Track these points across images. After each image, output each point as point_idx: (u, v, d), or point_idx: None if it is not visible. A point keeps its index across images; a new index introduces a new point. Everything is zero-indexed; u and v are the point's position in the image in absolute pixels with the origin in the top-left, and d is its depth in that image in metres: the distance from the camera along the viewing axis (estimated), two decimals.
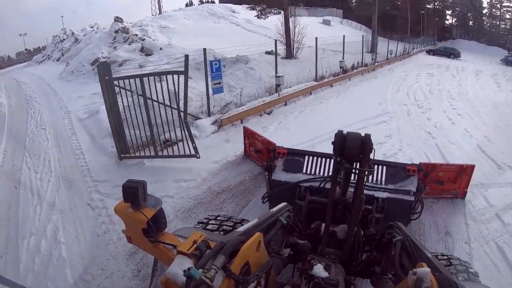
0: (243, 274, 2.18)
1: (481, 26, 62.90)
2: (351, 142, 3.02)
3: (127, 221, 2.63)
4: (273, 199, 5.34)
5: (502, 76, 30.24)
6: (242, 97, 12.94)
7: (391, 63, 29.37)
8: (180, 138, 8.53)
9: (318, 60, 17.59)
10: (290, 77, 16.14)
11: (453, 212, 6.66)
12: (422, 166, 5.87)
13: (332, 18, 53.26)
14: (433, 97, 17.13)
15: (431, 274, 2.17)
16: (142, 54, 21.81)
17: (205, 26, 31.90)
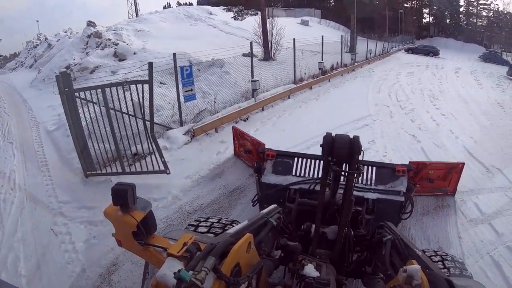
0: (233, 276, 2.18)
1: (458, 23, 63.97)
2: (340, 144, 3.06)
3: (116, 224, 2.61)
4: (263, 201, 5.34)
5: (482, 73, 30.50)
6: (217, 103, 12.25)
7: (370, 63, 29.20)
8: (149, 151, 8.05)
9: (297, 62, 17.09)
10: (268, 80, 15.55)
11: (444, 225, 6.29)
12: (412, 165, 5.91)
13: (310, 19, 53.15)
14: (415, 97, 16.82)
15: (421, 271, 2.21)
16: (115, 59, 20.96)
17: (182, 28, 31.16)
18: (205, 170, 8.27)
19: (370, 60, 29.64)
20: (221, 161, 8.77)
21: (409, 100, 15.91)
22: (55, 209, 7.11)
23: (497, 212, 6.76)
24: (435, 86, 20.66)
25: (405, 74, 24.62)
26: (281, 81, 15.90)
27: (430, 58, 38.88)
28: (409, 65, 30.39)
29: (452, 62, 37.11)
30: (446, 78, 24.39)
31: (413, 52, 42.82)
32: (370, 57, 30.09)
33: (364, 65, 27.23)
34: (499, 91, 22.15)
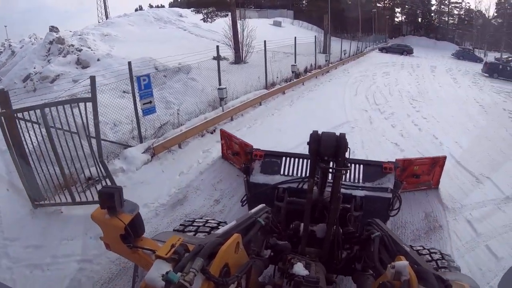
0: (222, 276, 2.21)
1: (430, 22, 64.74)
2: (327, 141, 3.10)
3: (104, 227, 2.59)
4: (251, 201, 5.31)
5: (457, 71, 30.64)
6: (181, 115, 11.10)
7: (345, 63, 28.60)
8: (102, 175, 7.20)
9: (269, 64, 16.17)
10: (238, 86, 14.52)
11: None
12: (399, 163, 6.02)
13: (283, 19, 52.33)
14: (393, 99, 16.22)
15: (409, 267, 2.26)
16: (78, 66, 19.75)
17: (151, 32, 30.24)
18: (165, 196, 7.30)
19: (344, 60, 29.05)
20: (184, 184, 7.76)
21: (388, 103, 15.26)
22: (0, 248, 6.10)
23: (493, 230, 6.28)
24: (412, 86, 20.22)
25: (381, 74, 24.17)
26: (252, 87, 14.90)
27: (404, 57, 38.84)
28: (384, 65, 30.09)
29: (427, 60, 37.20)
30: (423, 78, 24.09)
31: (387, 51, 42.73)
32: (344, 58, 29.54)
33: (339, 66, 26.61)
34: (476, 90, 22.05)
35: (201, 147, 9.79)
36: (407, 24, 66.18)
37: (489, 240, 6.00)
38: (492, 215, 6.74)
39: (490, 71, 29.40)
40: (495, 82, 26.80)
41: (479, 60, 42.05)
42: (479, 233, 6.16)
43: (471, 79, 26.88)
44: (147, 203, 6.98)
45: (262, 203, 3.87)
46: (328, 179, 3.70)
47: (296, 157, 5.70)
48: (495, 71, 29.39)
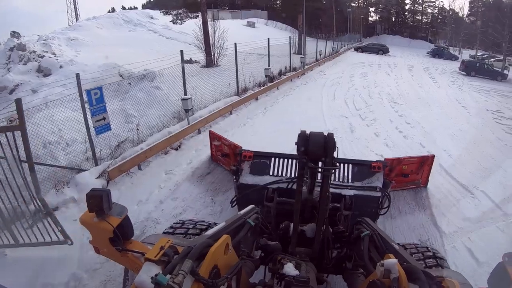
0: (212, 278, 2.21)
1: (404, 21, 65.99)
2: (315, 141, 3.15)
3: (93, 231, 2.60)
4: (241, 202, 5.33)
5: (434, 70, 30.52)
6: (142, 129, 9.88)
7: (321, 64, 27.82)
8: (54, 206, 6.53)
9: (241, 68, 15.14)
10: (207, 93, 13.35)
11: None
12: (387, 162, 6.06)
13: (257, 20, 52.30)
14: (374, 103, 15.43)
15: (398, 264, 2.25)
16: (39, 75, 18.65)
17: (120, 35, 29.37)
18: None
19: (320, 61, 28.29)
20: (142, 217, 6.60)
21: (369, 108, 14.43)
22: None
23: (494, 255, 5.50)
24: (392, 88, 19.59)
25: (359, 75, 23.51)
26: (222, 93, 13.75)
27: (380, 56, 38.61)
28: (361, 65, 29.54)
29: (403, 59, 37.12)
30: (401, 78, 23.61)
31: (363, 51, 42.47)
32: (320, 59, 28.79)
33: (315, 68, 25.78)
34: (456, 89, 21.72)
35: (164, 167, 8.67)
36: (381, 23, 67.40)
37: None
38: (492, 238, 6.19)
39: (468, 70, 29.45)
40: (473, 80, 26.83)
41: (454, 58, 42.59)
42: (481, 262, 5.59)
43: (449, 78, 26.69)
44: None
45: (252, 204, 3.87)
46: (318, 179, 3.64)
47: (285, 158, 5.72)
48: (472, 69, 29.47)
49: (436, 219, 6.40)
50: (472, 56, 46.31)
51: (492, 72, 29.56)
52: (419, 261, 3.66)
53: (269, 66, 16.94)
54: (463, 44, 53.45)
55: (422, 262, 3.68)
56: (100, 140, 8.55)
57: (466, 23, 56.32)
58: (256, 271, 3.38)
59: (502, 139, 11.89)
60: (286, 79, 19.04)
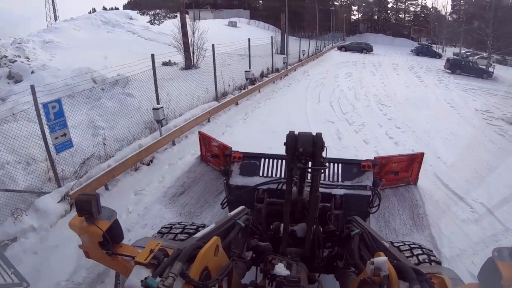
0: (202, 279, 2.22)
1: (386, 19, 66.60)
2: (303, 141, 3.14)
3: (82, 235, 2.59)
4: (232, 203, 5.28)
5: (419, 68, 30.25)
6: (110, 143, 8.97)
7: (304, 65, 27.08)
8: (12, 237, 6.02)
9: (222, 70, 14.26)
10: (183, 99, 12.42)
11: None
12: (377, 160, 6.07)
13: (239, 20, 51.67)
14: (361, 106, 14.76)
15: (388, 262, 2.29)
16: (10, 81, 18.07)
17: (97, 37, 28.60)
18: (82, 271, 5.28)
19: (303, 61, 27.58)
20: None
21: (356, 111, 13.74)
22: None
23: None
24: (378, 88, 19.01)
25: (344, 76, 22.86)
26: (200, 99, 12.83)
27: (364, 55, 38.17)
28: (345, 64, 28.94)
29: (387, 58, 36.85)
30: (387, 78, 23.11)
31: (347, 50, 41.88)
32: (303, 59, 28.13)
33: (298, 68, 25.05)
34: (443, 88, 21.34)
35: (134, 186, 7.79)
36: (364, 22, 68.02)
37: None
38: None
39: (453, 68, 29.25)
40: (459, 78, 26.61)
41: (438, 56, 42.65)
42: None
43: (435, 76, 26.38)
44: (59, 281, 5.08)
45: (243, 205, 3.88)
46: (307, 179, 3.66)
47: (274, 158, 5.68)
48: (457, 67, 29.30)
49: (437, 242, 5.89)
50: (456, 54, 46.58)
51: (477, 70, 29.40)
52: (409, 258, 3.65)
53: (250, 68, 16.09)
54: (446, 42, 53.78)
55: (413, 260, 3.68)
56: (64, 158, 7.75)
57: (449, 21, 56.86)
58: (248, 272, 3.40)
59: (495, 142, 11.52)
60: (268, 81, 18.25)
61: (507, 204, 7.22)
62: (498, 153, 10.40)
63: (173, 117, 11.00)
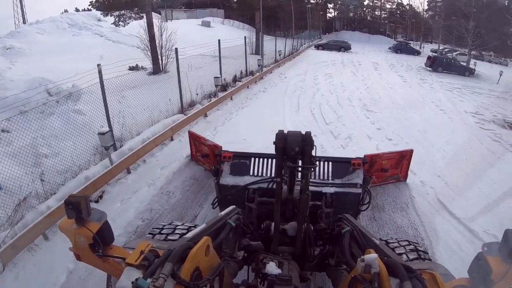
0: (194, 280, 2.22)
1: (362, 17, 66.40)
2: (292, 140, 3.21)
3: (73, 238, 2.58)
4: (223, 203, 5.33)
5: (400, 67, 29.47)
6: (52, 176, 7.24)
7: (281, 66, 25.57)
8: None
9: (191, 74, 12.54)
10: (143, 112, 10.65)
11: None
12: (367, 158, 6.21)
13: (213, 19, 50.11)
14: (345, 113, 13.41)
15: (378, 259, 2.27)
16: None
17: (62, 41, 26.26)
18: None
19: (280, 62, 26.08)
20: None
21: (340, 120, 12.35)
22: None
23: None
24: (362, 91, 17.79)
25: (323, 77, 21.53)
26: (163, 112, 11.13)
27: (343, 53, 37.04)
28: (323, 64, 27.69)
29: (366, 56, 35.98)
30: (369, 78, 21.94)
31: (324, 48, 40.54)
32: (279, 59, 26.63)
33: (274, 70, 23.52)
34: (428, 88, 20.41)
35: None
36: (340, 20, 67.44)
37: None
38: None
39: (435, 66, 28.58)
40: (442, 76, 25.94)
41: (417, 53, 42.27)
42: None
43: (417, 75, 25.56)
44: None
45: (234, 205, 3.86)
46: (298, 177, 3.66)
47: (265, 157, 5.68)
48: (439, 65, 28.62)
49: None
50: (434, 50, 46.48)
51: (459, 68, 28.80)
52: (401, 255, 3.69)
53: (220, 74, 14.47)
54: (423, 38, 53.81)
55: (404, 256, 3.70)
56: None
57: (426, 18, 57.23)
58: (240, 271, 3.42)
59: (493, 151, 10.66)
60: (242, 86, 16.66)
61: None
62: (499, 165, 9.45)
63: (130, 137, 9.29)
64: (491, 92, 21.54)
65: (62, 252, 5.32)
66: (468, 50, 33.17)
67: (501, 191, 7.72)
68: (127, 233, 6.00)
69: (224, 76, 15.79)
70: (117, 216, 6.61)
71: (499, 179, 8.45)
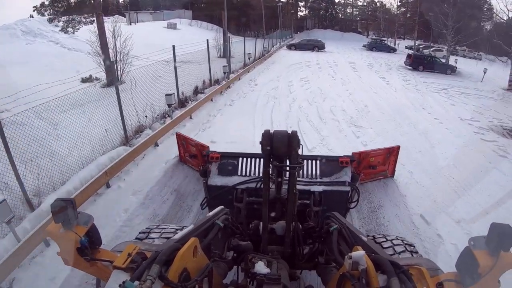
0: (182, 281, 2.20)
1: (333, 14, 65.39)
2: (279, 139, 3.20)
3: (60, 242, 2.54)
4: (211, 204, 5.30)
5: (378, 66, 28.01)
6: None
7: (250, 70, 22.90)
8: None
9: (153, 82, 10.80)
10: (77, 146, 8.09)
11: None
12: (355, 156, 6.08)
13: (180, 21, 48.57)
14: (330, 131, 11.18)
15: (366, 256, 2.30)
16: None
17: (14, 50, 23.62)
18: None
19: (250, 66, 23.40)
20: None
21: (324, 142, 10.06)
22: None
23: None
24: (344, 99, 15.68)
25: (299, 82, 19.27)
26: (101, 144, 8.50)
27: (317, 53, 35.11)
28: (298, 66, 25.48)
29: (341, 55, 34.28)
30: (350, 82, 19.95)
31: (297, 48, 38.32)
32: (249, 63, 24.14)
33: (243, 75, 20.86)
34: (414, 91, 18.80)
35: None
36: (311, 18, 66.86)
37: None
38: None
39: (415, 64, 27.15)
40: (424, 76, 24.52)
41: (393, 50, 41.30)
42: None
43: (398, 75, 23.95)
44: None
45: (222, 205, 3.88)
46: (285, 176, 3.62)
47: (252, 157, 5.65)
48: (420, 63, 27.19)
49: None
50: (409, 47, 45.65)
51: (441, 66, 27.42)
52: (388, 250, 3.70)
53: (177, 88, 11.96)
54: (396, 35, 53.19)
55: (392, 252, 3.69)
56: None
57: (400, 14, 57.17)
58: (230, 272, 3.41)
59: (504, 171, 9.00)
60: (205, 99, 14.06)
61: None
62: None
63: (52, 190, 6.77)
64: (478, 92, 20.07)
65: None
66: (447, 46, 31.80)
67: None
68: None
69: (184, 88, 13.38)
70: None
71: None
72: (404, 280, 2.17)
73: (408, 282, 2.16)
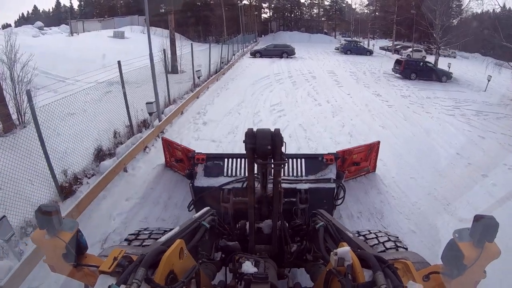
0: (169, 283, 2.17)
1: (299, 16, 63.16)
2: (262, 138, 3.16)
3: (45, 249, 2.46)
4: (198, 205, 5.26)
5: (363, 75, 23.55)
6: None
7: (201, 95, 15.98)
8: None
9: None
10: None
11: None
12: (339, 153, 6.12)
13: (131, 28, 44.56)
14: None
15: (351, 252, 2.27)
16: None
17: None
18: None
19: (200, 89, 16.42)
20: None
21: None
22: None
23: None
24: (339, 139, 10.09)
25: (270, 114, 13.10)
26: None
27: (286, 60, 29.49)
28: (266, 83, 19.33)
29: (315, 62, 29.39)
30: (340, 108, 14.16)
31: (262, 55, 32.33)
32: (200, 83, 17.48)
33: (189, 105, 14.05)
34: (423, 113, 14.11)
35: None
36: (276, 20, 64.01)
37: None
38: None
39: (406, 72, 22.28)
40: (421, 87, 19.81)
41: (369, 53, 36.96)
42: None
43: (391, 87, 19.12)
44: None
45: (210, 206, 3.81)
46: (270, 175, 3.66)
47: (237, 157, 5.66)
48: (412, 71, 22.35)
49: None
50: (383, 48, 42.19)
51: (435, 72, 22.83)
52: (376, 246, 3.66)
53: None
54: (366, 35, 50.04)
55: (380, 247, 3.64)
56: None
57: (367, 14, 54.37)
58: (219, 272, 3.40)
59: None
60: (135, 149, 8.38)
61: None
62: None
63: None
64: (491, 108, 15.42)
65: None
66: (435, 47, 27.32)
67: None
68: None
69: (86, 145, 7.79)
70: None
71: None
72: (390, 274, 2.10)
73: (394, 276, 2.09)
